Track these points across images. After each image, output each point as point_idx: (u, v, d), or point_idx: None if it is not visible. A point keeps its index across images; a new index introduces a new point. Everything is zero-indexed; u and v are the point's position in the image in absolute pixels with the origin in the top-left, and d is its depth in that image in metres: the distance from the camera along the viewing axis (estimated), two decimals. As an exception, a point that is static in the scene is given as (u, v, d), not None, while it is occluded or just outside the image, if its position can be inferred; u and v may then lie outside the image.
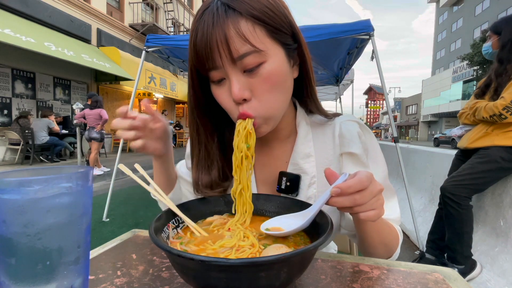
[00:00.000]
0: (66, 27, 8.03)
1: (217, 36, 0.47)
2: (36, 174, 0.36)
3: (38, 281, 0.29)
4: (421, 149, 3.55)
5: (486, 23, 30.65)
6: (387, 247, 0.58)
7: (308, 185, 0.63)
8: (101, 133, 5.76)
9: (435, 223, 2.13)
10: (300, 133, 0.65)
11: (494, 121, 1.80)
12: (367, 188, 0.42)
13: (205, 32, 0.48)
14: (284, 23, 0.52)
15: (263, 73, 0.50)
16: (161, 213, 0.47)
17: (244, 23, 0.48)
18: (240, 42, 0.47)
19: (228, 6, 0.48)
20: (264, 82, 0.51)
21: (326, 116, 0.66)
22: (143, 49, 3.31)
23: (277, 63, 0.52)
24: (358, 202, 0.42)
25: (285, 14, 0.53)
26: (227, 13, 0.48)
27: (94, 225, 3.09)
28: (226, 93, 0.53)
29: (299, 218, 0.48)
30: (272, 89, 0.52)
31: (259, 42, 0.49)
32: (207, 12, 0.49)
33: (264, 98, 0.52)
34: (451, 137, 18.76)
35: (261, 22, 0.49)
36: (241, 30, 0.47)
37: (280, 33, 0.52)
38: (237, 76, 0.50)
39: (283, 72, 0.53)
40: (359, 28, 2.73)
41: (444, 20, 43.03)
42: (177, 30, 13.66)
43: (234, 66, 0.50)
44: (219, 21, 0.47)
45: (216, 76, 0.52)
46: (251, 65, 0.49)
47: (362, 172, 0.44)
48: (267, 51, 0.50)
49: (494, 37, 1.91)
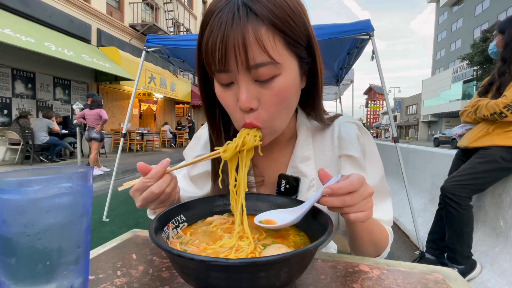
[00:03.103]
0: (66, 27, 8.02)
1: (234, 39, 0.44)
2: (36, 174, 0.36)
3: (38, 281, 0.29)
4: (421, 149, 3.55)
5: (486, 23, 30.64)
6: (376, 247, 0.59)
7: (307, 188, 0.63)
8: (101, 133, 5.76)
9: (435, 223, 2.13)
10: (300, 137, 0.65)
11: (494, 119, 1.80)
12: (357, 190, 0.43)
13: (223, 32, 0.45)
14: (303, 35, 0.50)
15: (275, 86, 0.48)
16: (161, 213, 0.47)
17: (265, 31, 0.45)
18: (258, 51, 0.45)
19: (250, 9, 0.45)
20: (274, 96, 0.49)
21: (324, 124, 0.66)
22: (143, 49, 3.31)
23: (291, 77, 0.50)
24: (348, 203, 0.43)
25: (304, 24, 0.50)
26: (248, 16, 0.44)
27: (94, 225, 3.09)
28: (232, 97, 0.51)
29: (291, 213, 0.49)
30: (281, 103, 0.51)
31: (277, 54, 0.46)
32: (226, 9, 0.45)
33: (272, 111, 0.51)
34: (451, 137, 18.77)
35: (281, 32, 0.46)
36: (261, 39, 0.44)
37: (298, 46, 0.50)
38: (247, 84, 0.48)
39: (294, 87, 0.52)
40: (359, 28, 2.74)
41: (444, 20, 43.04)
42: (177, 30, 13.66)
43: (247, 73, 0.47)
44: (239, 23, 0.44)
45: (225, 79, 0.49)
46: (264, 77, 0.47)
47: (354, 174, 0.45)
48: (283, 63, 0.48)
49: (499, 36, 1.93)
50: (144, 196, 0.49)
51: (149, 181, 0.49)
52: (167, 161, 0.50)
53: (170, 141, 12.94)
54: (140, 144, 10.65)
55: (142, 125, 12.38)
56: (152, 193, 0.49)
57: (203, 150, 0.74)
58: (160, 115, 13.72)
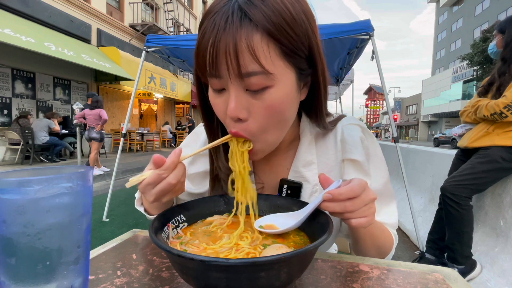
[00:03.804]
0: (66, 27, 8.02)
1: (226, 44, 0.42)
2: (36, 174, 0.36)
3: (38, 281, 0.29)
4: (421, 149, 3.55)
5: (486, 23, 30.64)
6: (380, 250, 0.58)
7: (309, 194, 0.62)
8: (101, 133, 5.76)
9: (435, 223, 2.13)
10: (303, 141, 0.63)
11: (495, 119, 1.80)
12: (359, 196, 0.43)
13: (215, 35, 0.43)
14: (303, 45, 0.46)
15: (266, 98, 0.46)
16: (161, 213, 0.47)
17: (258, 38, 0.42)
18: (249, 59, 0.42)
19: (245, 14, 0.42)
20: (265, 109, 0.47)
21: (326, 129, 0.64)
22: (143, 49, 3.31)
23: (285, 90, 0.47)
24: (349, 209, 0.43)
25: (306, 34, 0.46)
26: (242, 22, 0.42)
27: (94, 225, 3.09)
28: (223, 104, 0.49)
29: (292, 217, 0.49)
30: (272, 117, 0.48)
31: (270, 63, 0.44)
32: (221, 11, 0.43)
33: (262, 124, 0.48)
34: (451, 137, 18.77)
35: (277, 41, 0.43)
36: (253, 46, 0.42)
37: (296, 57, 0.46)
38: (237, 92, 0.46)
39: (289, 100, 0.49)
40: (359, 28, 2.74)
41: (444, 20, 43.04)
42: (177, 30, 13.66)
43: (238, 81, 0.45)
44: (232, 27, 0.42)
45: (217, 85, 0.47)
46: (255, 86, 0.45)
47: (356, 179, 0.44)
48: (276, 74, 0.45)
49: (499, 36, 1.93)
50: (161, 188, 0.46)
51: (164, 173, 0.46)
52: (179, 149, 0.48)
53: (170, 141, 12.95)
54: (140, 144, 10.65)
55: (142, 125, 12.39)
56: (169, 184, 0.46)
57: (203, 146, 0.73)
58: (160, 115, 13.72)
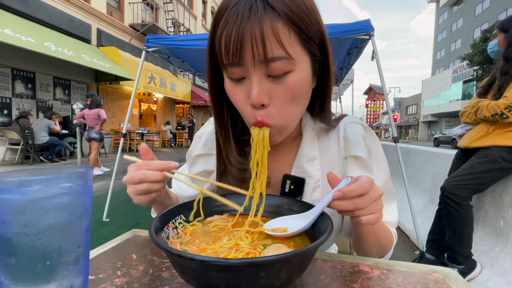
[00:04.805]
0: (66, 27, 8.01)
1: (251, 31, 0.44)
2: (36, 174, 0.36)
3: (38, 281, 0.29)
4: (421, 149, 3.55)
5: (486, 23, 30.64)
6: (381, 248, 0.59)
7: (312, 189, 0.62)
8: (100, 133, 5.76)
9: (435, 223, 2.13)
10: (306, 136, 0.64)
11: (495, 120, 1.79)
12: (368, 192, 0.43)
13: (239, 24, 0.44)
14: (317, 32, 0.50)
15: (288, 82, 0.48)
16: (161, 213, 0.47)
17: (281, 25, 0.45)
18: (275, 44, 0.45)
19: (267, 3, 0.45)
20: (286, 92, 0.49)
21: (330, 125, 0.65)
22: (143, 49, 3.31)
23: (303, 74, 0.50)
24: (359, 206, 0.43)
25: (318, 22, 0.50)
26: (265, 10, 0.45)
27: (94, 225, 3.09)
28: (243, 93, 0.50)
29: (301, 219, 0.48)
30: (292, 101, 0.50)
31: (292, 49, 0.46)
32: (243, 2, 0.45)
33: (283, 108, 0.50)
34: (451, 137, 18.76)
35: (297, 28, 0.46)
36: (278, 32, 0.44)
37: (311, 43, 0.50)
38: (260, 78, 0.47)
39: (307, 84, 0.51)
40: (359, 28, 2.74)
41: (444, 20, 43.03)
42: (177, 30, 13.65)
43: (261, 67, 0.47)
44: (256, 15, 0.44)
45: (237, 73, 0.49)
46: (278, 72, 0.47)
47: (363, 177, 0.44)
48: (297, 59, 0.48)
49: (500, 35, 1.90)
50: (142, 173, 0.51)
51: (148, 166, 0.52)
52: (175, 164, 0.51)
53: (170, 141, 12.94)
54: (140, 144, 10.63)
55: (142, 125, 12.37)
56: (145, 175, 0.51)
57: (203, 148, 0.73)
58: (160, 115, 13.71)
